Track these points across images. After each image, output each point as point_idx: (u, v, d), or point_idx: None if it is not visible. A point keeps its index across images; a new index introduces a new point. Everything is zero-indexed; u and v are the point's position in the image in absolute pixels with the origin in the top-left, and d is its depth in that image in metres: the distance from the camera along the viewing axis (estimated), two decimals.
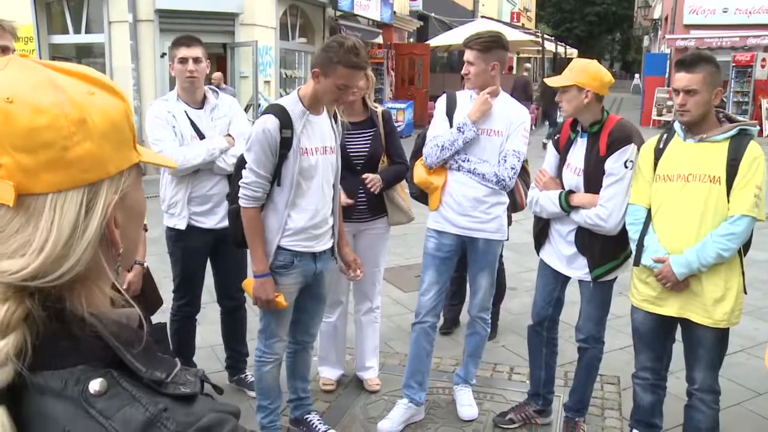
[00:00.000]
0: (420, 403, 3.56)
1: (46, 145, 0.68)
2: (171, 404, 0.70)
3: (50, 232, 0.69)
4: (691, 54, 2.81)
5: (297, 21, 14.92)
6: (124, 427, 0.67)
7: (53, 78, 0.71)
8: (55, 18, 12.36)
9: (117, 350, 0.71)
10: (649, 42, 33.64)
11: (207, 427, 0.70)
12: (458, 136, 3.25)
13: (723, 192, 2.69)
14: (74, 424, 0.67)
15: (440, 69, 23.84)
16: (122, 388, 0.69)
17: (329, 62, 2.70)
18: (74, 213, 0.70)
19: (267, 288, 2.86)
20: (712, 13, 20.14)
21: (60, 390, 0.68)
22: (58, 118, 0.69)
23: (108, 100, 0.75)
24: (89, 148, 0.71)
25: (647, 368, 3.07)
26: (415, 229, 7.77)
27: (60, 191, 0.70)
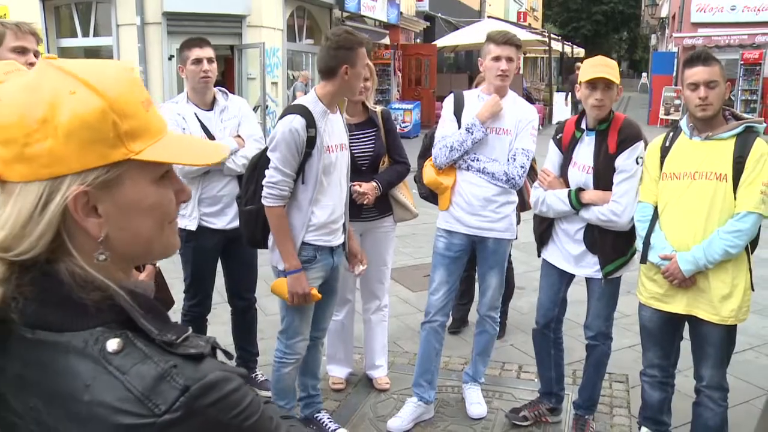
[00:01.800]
0: (429, 401, 3.59)
1: (13, 140, 0.78)
2: (180, 362, 0.78)
3: (10, 215, 0.79)
4: (699, 50, 2.83)
5: (304, 22, 14.96)
6: (138, 380, 0.75)
7: (41, 79, 0.80)
8: (64, 21, 12.45)
9: (131, 314, 0.80)
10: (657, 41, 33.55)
11: (214, 382, 0.78)
12: (467, 137, 3.28)
13: (730, 189, 2.70)
14: (95, 379, 0.75)
15: (447, 69, 23.84)
16: (136, 347, 0.78)
17: (351, 51, 2.83)
18: (32, 202, 0.79)
19: (302, 282, 2.92)
20: (720, 11, 20.08)
21: (82, 349, 0.77)
22: (23, 118, 0.78)
23: (87, 99, 0.80)
24: (50, 145, 0.78)
25: (655, 365, 3.08)
26: (423, 228, 7.80)
27: (26, 182, 0.79)
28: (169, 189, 0.90)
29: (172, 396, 0.75)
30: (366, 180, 3.55)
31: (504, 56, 3.24)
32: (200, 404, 0.76)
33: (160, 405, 0.74)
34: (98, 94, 0.80)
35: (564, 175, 3.22)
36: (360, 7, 15.71)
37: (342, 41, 2.84)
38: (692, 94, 2.73)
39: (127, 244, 0.86)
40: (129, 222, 0.85)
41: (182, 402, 0.75)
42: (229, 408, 0.79)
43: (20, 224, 0.78)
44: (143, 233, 0.88)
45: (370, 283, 3.88)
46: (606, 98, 3.01)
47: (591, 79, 2.99)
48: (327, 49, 2.87)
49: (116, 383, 0.75)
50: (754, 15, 19.75)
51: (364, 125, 3.62)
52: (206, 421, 0.77)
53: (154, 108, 0.87)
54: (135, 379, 0.75)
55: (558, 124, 3.41)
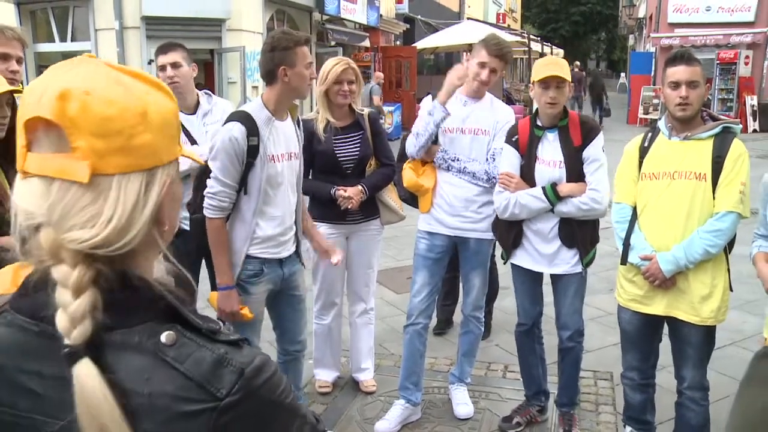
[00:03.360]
0: (416, 403, 3.59)
1: (116, 132, 0.79)
2: (228, 348, 0.83)
3: (116, 207, 0.79)
4: (681, 50, 2.85)
5: (284, 26, 14.93)
6: (197, 368, 0.79)
7: (119, 76, 0.83)
8: (41, 26, 12.32)
9: (178, 308, 0.84)
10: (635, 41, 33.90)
11: (260, 365, 0.84)
12: (429, 120, 3.26)
13: (709, 189, 2.73)
14: (153, 372, 0.78)
15: (427, 71, 23.90)
16: (187, 338, 0.81)
17: (288, 51, 2.69)
18: (136, 192, 0.81)
19: (232, 300, 2.79)
20: (695, 11, 20.29)
21: (136, 344, 0.79)
22: (125, 111, 0.80)
23: (161, 99, 0.86)
24: (149, 138, 0.82)
25: (634, 368, 3.10)
26: (406, 231, 7.80)
27: (125, 173, 0.81)
28: None
29: (231, 379, 0.79)
30: (351, 183, 3.55)
31: (489, 66, 3.26)
32: (254, 385, 0.82)
33: (221, 389, 0.79)
34: (168, 95, 0.87)
35: (525, 176, 3.21)
36: (340, 9, 15.72)
37: (276, 42, 2.70)
38: (673, 93, 2.75)
39: (169, 234, 0.91)
40: (173, 212, 0.91)
41: (240, 384, 0.80)
42: (275, 387, 0.85)
43: (126, 216, 0.80)
44: (175, 224, 0.94)
45: (356, 286, 3.87)
46: (559, 96, 3.07)
47: (543, 78, 3.04)
48: (263, 52, 2.76)
49: (175, 373, 0.78)
50: (728, 15, 19.98)
51: (351, 128, 3.60)
52: (260, 400, 0.83)
53: None
54: (193, 367, 0.79)
55: (510, 127, 3.35)
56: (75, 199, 0.78)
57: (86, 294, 0.77)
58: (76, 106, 0.77)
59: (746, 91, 18.94)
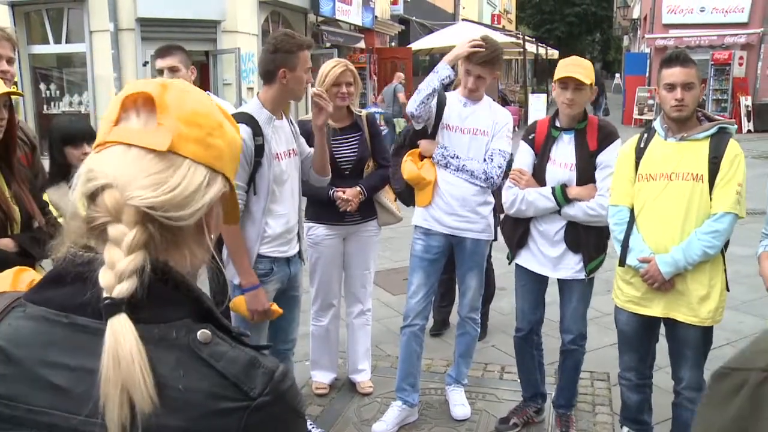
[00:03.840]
0: (413, 404, 3.59)
1: (199, 125, 0.88)
2: (255, 353, 0.86)
3: (182, 181, 0.84)
4: (677, 51, 2.84)
5: (279, 27, 14.89)
6: (232, 367, 0.81)
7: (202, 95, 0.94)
8: (35, 28, 12.27)
9: (212, 309, 0.87)
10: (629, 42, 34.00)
11: (286, 371, 0.86)
12: (433, 77, 3.23)
13: (706, 190, 2.73)
14: (189, 367, 0.80)
15: (422, 72, 23.89)
16: (221, 338, 0.84)
17: (290, 55, 2.73)
18: (201, 178, 0.87)
19: (261, 298, 2.82)
20: (689, 12, 20.37)
21: (174, 339, 0.81)
22: (211, 115, 0.91)
23: (232, 129, 0.95)
24: (222, 145, 0.91)
25: (631, 368, 3.10)
26: (402, 232, 7.79)
27: (195, 162, 0.87)
28: None
29: (263, 380, 0.82)
30: (349, 184, 3.55)
31: (474, 74, 3.27)
32: (282, 389, 0.84)
33: (254, 389, 0.81)
34: (237, 131, 0.98)
35: (537, 175, 3.22)
36: (335, 11, 15.69)
37: (279, 44, 2.74)
38: (668, 94, 2.75)
39: (207, 252, 0.93)
40: (214, 231, 0.95)
41: (271, 386, 0.83)
42: (297, 394, 0.89)
43: (189, 192, 0.84)
44: (210, 246, 0.95)
45: (353, 288, 3.87)
46: (576, 98, 3.05)
47: (561, 78, 3.03)
48: (265, 52, 2.79)
49: (210, 371, 0.80)
50: (722, 16, 20.06)
51: (349, 129, 3.62)
52: (286, 405, 0.85)
53: None
54: (229, 366, 0.81)
55: (529, 125, 3.42)
56: (147, 165, 0.83)
57: (137, 253, 0.79)
58: (174, 95, 0.87)
59: (740, 92, 19.02)
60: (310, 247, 3.66)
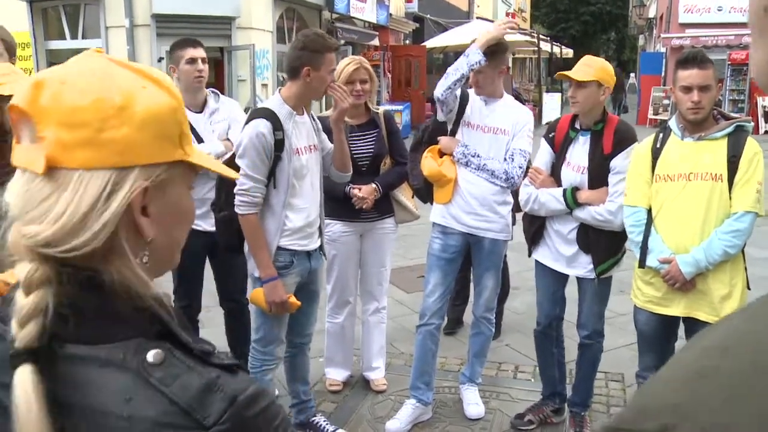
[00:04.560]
0: (427, 402, 3.59)
1: (84, 123, 0.74)
2: (221, 372, 0.76)
3: (69, 205, 0.73)
4: (694, 51, 2.81)
5: (293, 24, 14.92)
6: (183, 392, 0.72)
7: (109, 69, 0.78)
8: (52, 24, 12.37)
9: (169, 324, 0.77)
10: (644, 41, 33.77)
11: (254, 395, 0.76)
12: (463, 61, 3.19)
13: (725, 189, 2.71)
14: (136, 393, 0.71)
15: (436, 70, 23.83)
16: (177, 359, 0.74)
17: (316, 54, 2.77)
18: (97, 191, 0.74)
19: (279, 290, 2.86)
20: (707, 11, 20.21)
21: (120, 362, 0.72)
22: (100, 101, 0.74)
23: (158, 94, 0.79)
24: (125, 132, 0.75)
25: (651, 368, 3.08)
26: (416, 229, 7.76)
27: (89, 169, 0.74)
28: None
29: (220, 407, 0.72)
30: (366, 181, 3.56)
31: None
32: (247, 415, 0.74)
33: (208, 417, 0.72)
34: (169, 93, 0.81)
35: (555, 174, 3.22)
36: (349, 8, 15.70)
37: (308, 42, 2.78)
38: (685, 96, 2.73)
39: (164, 250, 0.84)
40: (171, 227, 0.84)
41: (231, 413, 0.73)
42: (270, 420, 0.78)
43: (80, 215, 0.73)
44: (177, 239, 0.87)
45: (369, 285, 3.88)
46: (579, 96, 3.05)
47: (557, 76, 3.07)
48: (293, 48, 2.84)
49: (160, 396, 0.71)
50: (740, 16, 19.83)
51: (365, 126, 3.63)
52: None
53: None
54: (180, 391, 0.72)
55: (550, 123, 3.41)
56: (35, 192, 0.74)
57: (36, 293, 0.71)
58: (48, 95, 0.74)
59: (758, 93, 18.83)
60: (327, 243, 3.65)
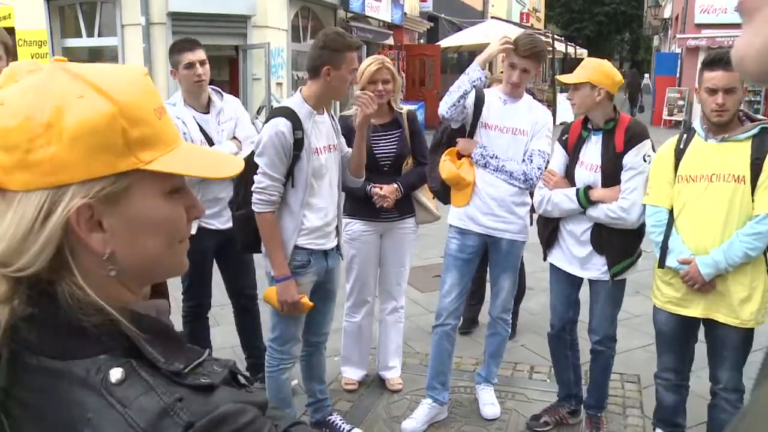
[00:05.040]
0: (443, 402, 3.59)
1: (14, 146, 0.73)
2: (188, 394, 0.72)
3: (9, 226, 0.73)
4: (721, 52, 2.77)
5: (308, 23, 14.96)
6: (140, 415, 0.69)
7: (48, 82, 0.75)
8: (68, 22, 12.47)
9: (136, 341, 0.74)
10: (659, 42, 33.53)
11: (222, 416, 0.72)
12: (464, 78, 3.22)
13: (748, 191, 2.69)
14: (96, 412, 0.69)
15: (450, 70, 23.81)
16: (140, 378, 0.72)
17: (337, 53, 2.77)
18: (32, 212, 0.73)
19: (291, 290, 2.86)
20: (723, 12, 20.01)
21: (84, 379, 0.71)
22: (27, 121, 0.72)
23: (96, 104, 0.74)
24: (54, 151, 0.72)
25: (670, 369, 3.08)
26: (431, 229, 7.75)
27: (27, 191, 0.73)
28: (179, 204, 0.84)
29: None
30: (387, 181, 3.57)
31: (520, 67, 3.24)
32: None
33: None
34: (107, 98, 0.75)
35: (569, 176, 3.22)
36: (364, 7, 15.72)
37: (329, 41, 2.78)
38: (710, 98, 2.71)
39: (133, 262, 0.80)
40: (135, 238, 0.80)
41: None
42: None
43: (19, 237, 0.72)
44: (150, 251, 0.81)
45: (388, 284, 3.88)
46: (574, 98, 3.11)
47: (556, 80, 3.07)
48: (313, 47, 2.83)
49: (118, 417, 0.69)
50: None
51: (389, 126, 3.63)
52: None
53: (168, 116, 0.83)
54: (137, 414, 0.69)
55: (564, 126, 3.41)
56: None
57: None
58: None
59: None
60: (347, 243, 3.67)
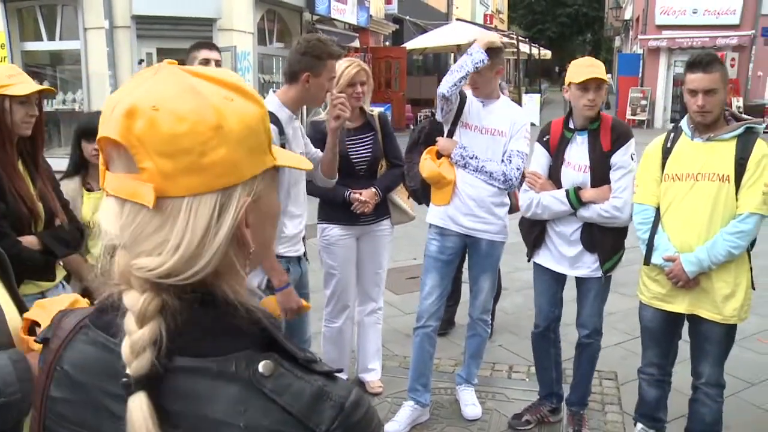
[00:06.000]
0: (425, 404, 3.59)
1: (185, 151, 0.72)
2: (325, 381, 0.77)
3: (185, 234, 0.73)
4: (701, 55, 2.81)
5: (274, 26, 14.87)
6: (295, 401, 0.74)
7: (195, 85, 0.75)
8: (27, 24, 12.18)
9: (275, 335, 0.78)
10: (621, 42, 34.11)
11: (357, 400, 0.78)
12: (467, 59, 3.18)
13: (732, 190, 2.74)
14: (250, 403, 0.73)
15: (416, 72, 23.90)
16: (285, 369, 0.76)
17: (318, 61, 2.73)
18: (207, 216, 0.74)
19: (294, 296, 2.81)
20: (682, 14, 20.48)
21: (233, 373, 0.74)
22: (196, 125, 0.72)
23: (245, 105, 0.77)
24: (224, 153, 0.74)
25: (654, 364, 3.13)
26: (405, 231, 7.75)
27: (196, 195, 0.73)
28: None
29: (330, 415, 0.75)
30: (364, 185, 3.54)
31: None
32: (352, 421, 0.76)
33: (321, 425, 0.74)
34: (253, 101, 0.78)
35: (553, 177, 3.24)
36: (330, 10, 15.67)
37: (310, 48, 2.74)
38: (691, 99, 2.76)
39: (259, 254, 0.83)
40: (264, 230, 0.84)
41: (340, 420, 0.75)
42: (369, 423, 0.80)
43: (196, 243, 0.73)
44: (271, 240, 0.88)
45: (367, 286, 3.87)
46: (598, 98, 3.07)
47: (584, 80, 3.01)
48: (294, 52, 2.79)
49: (273, 406, 0.73)
50: (714, 18, 20.18)
51: (362, 129, 3.60)
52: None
53: None
54: (292, 400, 0.74)
55: (543, 126, 3.43)
56: (144, 224, 0.74)
57: (150, 324, 0.73)
58: (143, 124, 0.72)
59: (732, 93, 19.09)
60: (325, 249, 3.64)
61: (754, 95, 19.91)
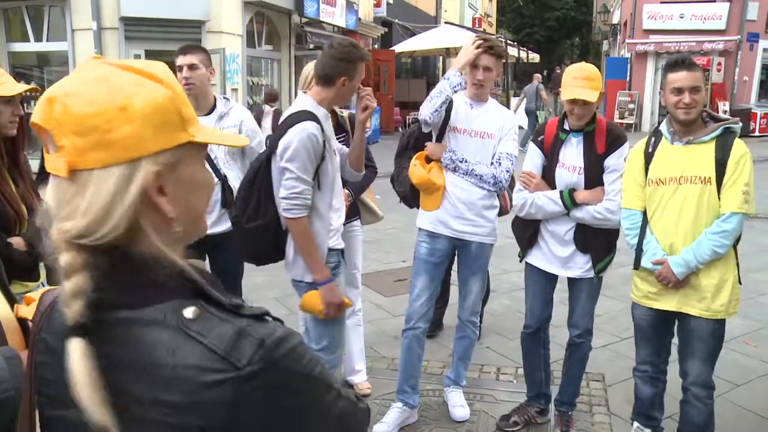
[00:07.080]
0: (414, 406, 3.59)
1: (93, 128, 0.83)
2: (251, 321, 0.86)
3: (92, 200, 0.84)
4: (682, 56, 2.90)
5: (263, 28, 14.86)
6: (219, 340, 0.83)
7: (108, 74, 0.87)
8: (14, 25, 12.12)
9: (201, 285, 0.88)
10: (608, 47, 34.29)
11: (282, 337, 0.87)
12: (444, 83, 3.24)
13: (714, 191, 2.79)
14: (177, 346, 0.83)
15: (405, 75, 23.94)
16: (210, 313, 0.86)
17: (352, 65, 2.81)
18: (113, 184, 0.84)
19: (336, 292, 2.82)
20: (669, 18, 20.61)
21: (162, 320, 0.84)
22: (103, 107, 0.84)
23: (154, 88, 0.88)
24: (129, 130, 0.84)
25: (647, 362, 3.18)
26: (390, 233, 7.80)
27: (105, 167, 0.84)
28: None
29: (250, 350, 0.83)
30: None
31: (482, 65, 3.27)
32: (276, 355, 0.85)
33: (242, 359, 0.82)
34: (164, 84, 0.89)
35: (547, 177, 3.26)
36: (319, 13, 15.67)
37: (347, 54, 2.81)
38: (676, 98, 2.80)
39: (187, 220, 0.93)
40: (189, 198, 0.93)
41: (261, 354, 0.83)
42: (300, 357, 0.88)
43: (103, 207, 0.84)
44: (199, 208, 0.97)
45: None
46: (584, 111, 3.11)
47: (570, 99, 3.06)
48: (330, 57, 2.83)
49: (198, 346, 0.82)
50: (701, 23, 20.32)
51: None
52: (284, 371, 0.86)
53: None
54: (216, 339, 0.83)
55: (538, 127, 3.45)
56: (63, 193, 0.86)
57: (74, 278, 0.83)
58: (59, 109, 0.84)
59: (719, 97, 19.28)
60: None
61: (740, 99, 20.08)
